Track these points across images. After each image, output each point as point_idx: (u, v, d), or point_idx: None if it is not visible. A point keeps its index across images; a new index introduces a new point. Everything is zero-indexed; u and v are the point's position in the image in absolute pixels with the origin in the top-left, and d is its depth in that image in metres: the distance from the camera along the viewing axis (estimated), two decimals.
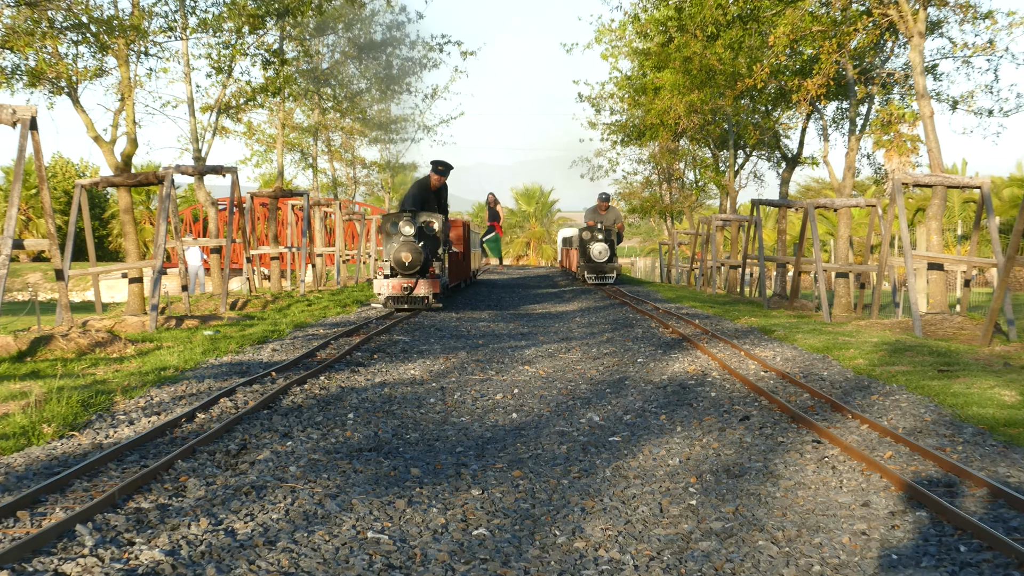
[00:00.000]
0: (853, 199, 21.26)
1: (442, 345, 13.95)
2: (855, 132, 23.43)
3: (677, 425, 8.71)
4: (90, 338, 12.45)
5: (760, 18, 21.72)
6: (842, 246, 22.63)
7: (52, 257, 13.97)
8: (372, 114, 36.58)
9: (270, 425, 8.16)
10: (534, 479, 6.87)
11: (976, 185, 16.74)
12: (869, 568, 5.10)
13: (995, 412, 8.71)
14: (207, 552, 5.03)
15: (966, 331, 14.88)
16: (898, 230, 17.39)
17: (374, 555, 5.16)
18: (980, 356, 12.37)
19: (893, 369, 11.30)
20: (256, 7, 21.65)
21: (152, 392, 9.55)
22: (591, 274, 27.32)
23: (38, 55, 17.58)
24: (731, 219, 29.38)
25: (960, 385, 10.07)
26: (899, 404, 9.24)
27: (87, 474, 6.49)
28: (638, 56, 32.77)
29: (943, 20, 21.92)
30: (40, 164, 13.41)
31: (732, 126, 31.29)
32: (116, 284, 37.96)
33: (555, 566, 5.13)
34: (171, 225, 19.33)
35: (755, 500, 6.36)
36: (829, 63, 19.65)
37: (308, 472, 6.76)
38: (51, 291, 41.79)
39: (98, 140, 18.84)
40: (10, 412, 8.38)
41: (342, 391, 10.01)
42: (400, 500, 6.17)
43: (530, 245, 75.30)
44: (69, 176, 61.73)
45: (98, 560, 4.81)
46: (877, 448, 7.61)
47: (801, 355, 12.72)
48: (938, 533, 5.54)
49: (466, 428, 8.63)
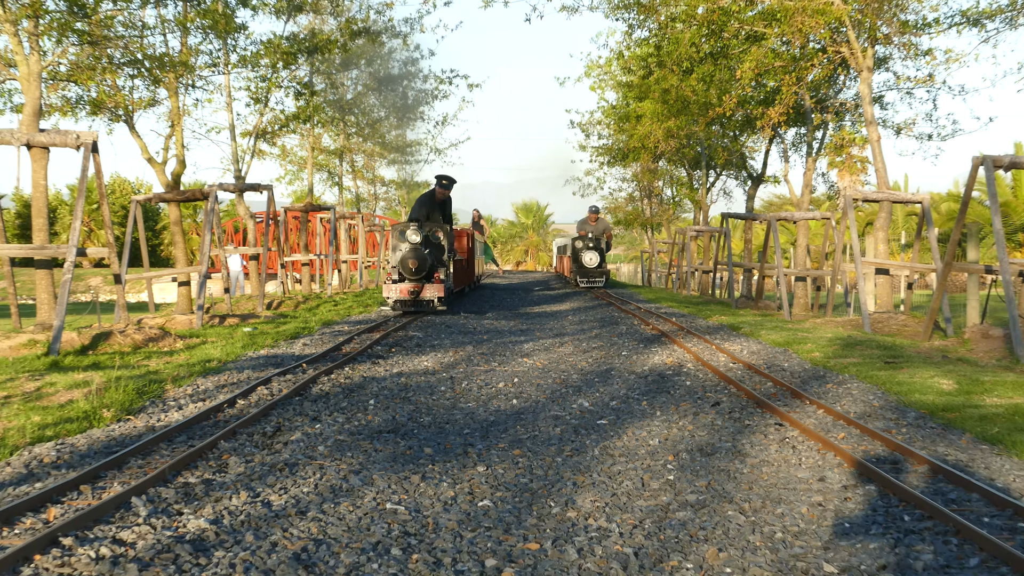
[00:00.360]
0: (810, 213, 21.24)
1: (451, 340, 13.93)
2: (812, 154, 23.42)
3: (657, 410, 8.70)
4: (144, 334, 12.43)
5: (729, 55, 21.71)
6: (801, 254, 22.60)
7: (111, 263, 13.95)
8: (390, 139, 36.57)
9: (301, 410, 8.14)
10: (532, 457, 6.85)
11: (917, 200, 16.72)
12: (825, 535, 5.08)
13: (935, 399, 8.70)
14: (246, 521, 5.02)
15: (909, 328, 14.86)
16: (850, 240, 17.37)
17: (392, 523, 5.15)
18: (921, 349, 12.35)
19: (845, 361, 11.28)
20: (289, 46, 21.64)
21: (198, 381, 9.54)
22: (583, 278, 27.19)
23: (99, 87, 17.58)
24: (703, 230, 29.37)
25: (904, 375, 10.06)
26: (851, 391, 9.22)
27: (141, 453, 6.48)
28: (622, 88, 32.75)
29: (889, 56, 21.89)
30: (100, 182, 13.39)
31: (704, 149, 31.26)
32: (167, 287, 37.96)
33: (550, 533, 5.12)
34: (215, 235, 19.33)
35: (725, 476, 6.34)
36: (789, 94, 19.64)
37: (334, 451, 6.75)
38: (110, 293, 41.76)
39: (151, 161, 18.84)
40: (74, 399, 8.37)
41: (364, 380, 9.99)
42: (415, 476, 6.16)
43: (528, 252, 75.43)
44: (126, 193, 61.70)
45: (151, 528, 4.80)
46: (832, 430, 7.59)
47: (765, 349, 12.70)
48: (885, 505, 5.52)
49: (472, 412, 8.61)
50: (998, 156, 12.39)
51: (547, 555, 4.75)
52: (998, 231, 12.33)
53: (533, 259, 74.60)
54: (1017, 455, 6.54)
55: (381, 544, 4.79)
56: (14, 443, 6.69)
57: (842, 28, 18.84)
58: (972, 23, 19.00)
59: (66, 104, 17.76)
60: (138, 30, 17.79)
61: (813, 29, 18.42)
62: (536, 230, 76.27)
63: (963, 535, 4.89)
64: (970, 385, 9.34)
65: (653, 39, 23.59)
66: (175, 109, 18.97)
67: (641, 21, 22.22)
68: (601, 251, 27.48)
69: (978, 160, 12.43)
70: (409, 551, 4.72)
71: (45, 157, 13.39)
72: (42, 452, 6.40)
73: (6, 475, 5.86)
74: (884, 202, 18.22)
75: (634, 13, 21.77)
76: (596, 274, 27.22)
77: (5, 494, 5.45)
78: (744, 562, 4.67)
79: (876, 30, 18.72)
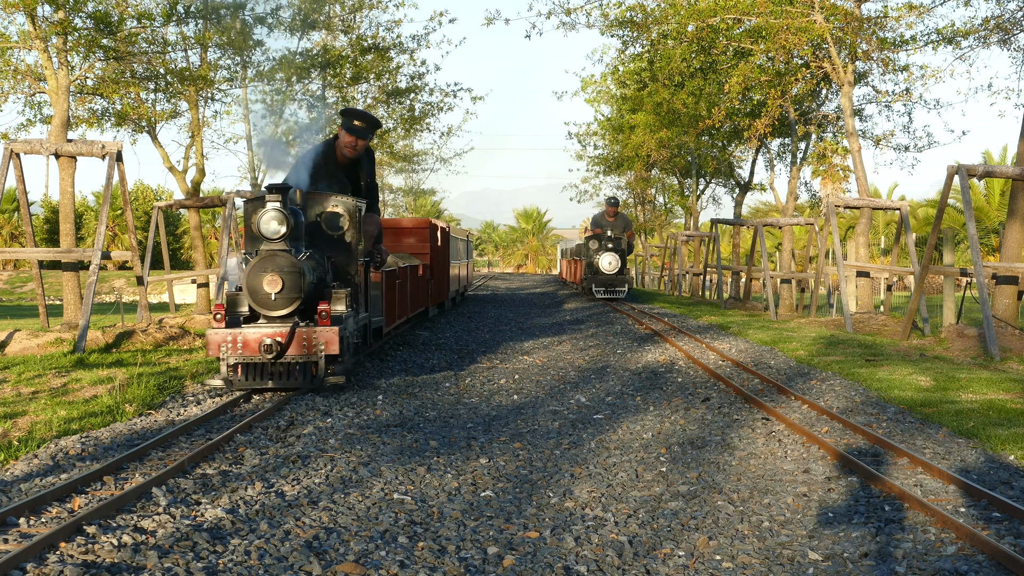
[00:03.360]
0: (795, 219, 21.23)
1: (456, 339, 13.91)
2: (796, 163, 23.41)
3: (650, 405, 8.67)
4: (165, 333, 12.41)
5: (717, 70, 21.70)
6: (786, 257, 22.57)
7: (134, 266, 13.93)
8: (398, 148, 36.56)
9: (313, 405, 8.11)
10: (532, 450, 6.83)
11: (896, 207, 16.70)
12: (810, 524, 5.06)
13: (913, 395, 8.67)
14: (261, 510, 4.99)
15: (889, 327, 14.83)
16: (832, 244, 17.35)
17: (399, 513, 5.12)
18: (900, 348, 12.32)
19: (828, 359, 11.25)
20: (302, 61, 21.64)
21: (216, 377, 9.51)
22: (599, 287, 21.11)
23: (123, 100, 17.59)
24: (694, 235, 29.36)
25: (884, 372, 10.03)
26: (834, 388, 9.19)
27: (161, 445, 6.45)
28: (616, 101, 32.76)
29: (868, 71, 21.86)
30: (125, 190, 13.38)
31: (694, 158, 31.24)
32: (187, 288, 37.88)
33: (549, 522, 5.09)
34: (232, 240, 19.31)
35: (715, 467, 6.31)
36: (774, 107, 19.63)
37: (344, 444, 6.72)
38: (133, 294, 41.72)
39: (172, 170, 18.87)
40: (99, 394, 8.35)
41: (372, 376, 9.96)
42: (421, 467, 6.13)
43: (528, 256, 75.80)
44: (148, 199, 61.67)
45: (170, 517, 4.78)
46: (816, 424, 7.56)
47: (752, 347, 12.67)
48: (867, 495, 5.49)
49: (475, 408, 8.58)
50: (972, 166, 12.38)
51: (546, 543, 4.72)
52: (972, 236, 12.31)
53: (533, 262, 74.96)
54: (991, 448, 6.51)
55: (389, 532, 4.77)
56: (41, 436, 6.67)
57: (824, 45, 18.83)
58: (947, 41, 18.99)
59: (92, 116, 17.76)
60: (160, 46, 17.77)
61: (797, 46, 18.42)
62: (536, 235, 76.47)
63: (941, 524, 4.86)
64: (946, 382, 9.32)
65: (646, 55, 23.57)
66: (195, 120, 18.96)
67: (634, 38, 22.19)
68: (622, 253, 21.49)
69: (952, 169, 12.41)
70: (415, 539, 4.69)
71: (72, 166, 13.39)
72: (68, 445, 6.37)
73: (34, 466, 5.84)
74: (865, 209, 18.19)
75: (627, 30, 21.75)
76: (617, 282, 21.11)
77: (33, 484, 5.43)
78: (733, 550, 4.64)
79: (856, 47, 18.72)
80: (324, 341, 8.14)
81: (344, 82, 27.26)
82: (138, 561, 4.12)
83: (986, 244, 38.01)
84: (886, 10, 19.67)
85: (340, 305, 8.55)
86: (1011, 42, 17.59)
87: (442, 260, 17.51)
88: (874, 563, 4.39)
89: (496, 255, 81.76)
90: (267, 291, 8.08)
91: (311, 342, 8.15)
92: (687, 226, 35.17)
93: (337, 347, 8.15)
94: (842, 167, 21.49)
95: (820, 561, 4.47)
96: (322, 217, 9.06)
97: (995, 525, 4.87)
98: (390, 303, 11.71)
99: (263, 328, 8.16)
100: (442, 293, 17.74)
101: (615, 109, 34.05)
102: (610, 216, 22.22)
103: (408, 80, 28.08)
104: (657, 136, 27.29)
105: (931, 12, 18.80)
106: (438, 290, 17.26)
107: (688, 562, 4.48)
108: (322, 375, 8.26)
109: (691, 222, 33.67)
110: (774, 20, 18.17)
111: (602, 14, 21.09)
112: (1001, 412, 7.71)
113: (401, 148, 37.04)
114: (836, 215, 17.20)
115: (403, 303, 13.00)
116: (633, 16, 20.74)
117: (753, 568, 4.41)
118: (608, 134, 35.46)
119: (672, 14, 20.25)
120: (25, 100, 16.68)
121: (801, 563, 4.45)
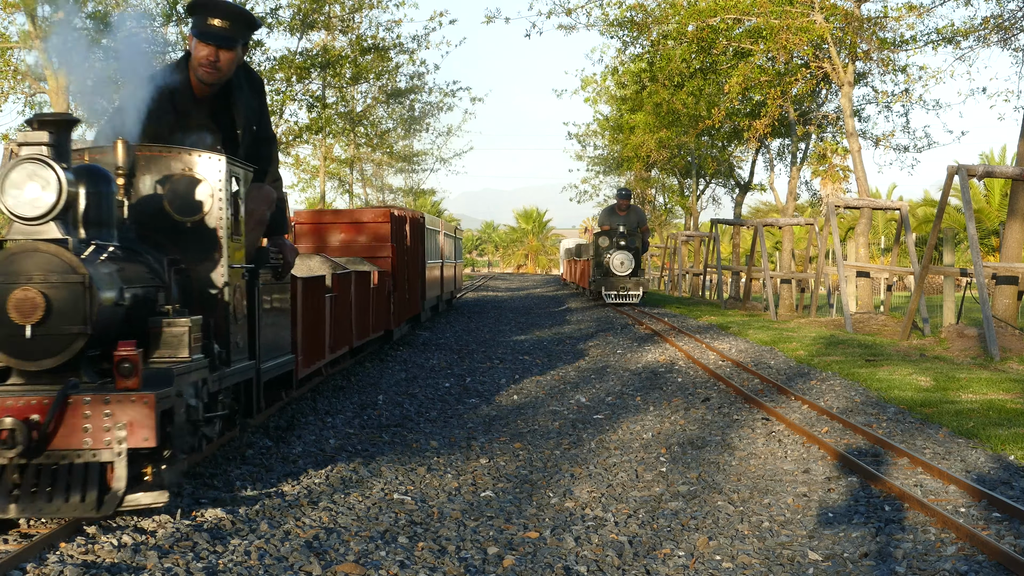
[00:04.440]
0: (794, 219, 21.24)
1: (456, 339, 13.90)
2: (796, 163, 23.43)
3: (650, 405, 8.66)
4: None
5: (717, 70, 21.71)
6: (786, 257, 22.57)
7: None
8: (398, 149, 36.54)
9: (314, 405, 8.11)
10: (532, 450, 6.82)
11: (896, 207, 16.71)
12: (810, 524, 5.05)
13: (913, 395, 8.67)
14: (261, 510, 4.99)
15: (889, 327, 14.83)
16: (832, 244, 17.35)
17: (399, 513, 5.11)
18: (900, 348, 12.32)
19: (828, 359, 11.24)
20: (302, 61, 21.63)
21: None
22: (609, 291, 18.88)
23: None
24: (694, 235, 29.37)
25: (884, 372, 10.02)
26: (833, 388, 9.19)
27: None
28: (616, 101, 32.77)
29: (868, 72, 21.87)
30: None
31: (694, 159, 31.25)
32: None
33: (549, 522, 5.09)
34: None
35: (715, 468, 6.31)
36: (774, 107, 19.63)
37: (345, 444, 6.72)
38: None
39: None
40: None
41: (373, 376, 9.96)
42: (421, 467, 6.13)
43: (528, 256, 75.88)
44: None
45: (170, 517, 4.77)
46: (816, 424, 7.56)
47: (752, 347, 12.67)
48: (867, 495, 5.49)
49: (475, 407, 8.58)
50: (972, 166, 12.37)
51: (546, 543, 4.72)
52: (972, 236, 12.31)
53: (533, 262, 75.04)
54: (991, 448, 6.50)
55: (389, 532, 4.76)
56: None
57: (824, 45, 18.84)
58: (947, 41, 18.99)
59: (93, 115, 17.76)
60: (160, 46, 17.76)
61: (797, 46, 18.42)
62: (536, 235, 76.53)
63: (941, 524, 4.86)
64: (946, 382, 9.31)
65: (646, 55, 23.58)
66: None
67: (634, 38, 22.21)
68: (636, 252, 19.28)
69: (952, 169, 12.41)
70: (415, 539, 4.69)
71: None
72: None
73: None
74: (864, 209, 18.19)
75: (628, 31, 21.76)
76: (630, 285, 18.94)
77: None
78: (733, 550, 4.64)
79: (856, 47, 18.72)
80: (126, 421, 4.23)
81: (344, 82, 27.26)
82: (138, 561, 4.12)
83: (986, 244, 38.04)
84: (886, 10, 19.70)
85: (178, 348, 4.67)
86: (1011, 42, 17.59)
87: (413, 262, 13.87)
88: (874, 563, 4.39)
89: (496, 255, 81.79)
90: (14, 322, 4.20)
91: (98, 425, 4.23)
92: (687, 226, 35.18)
93: (151, 433, 4.25)
94: (842, 167, 21.50)
95: (820, 561, 4.47)
96: (164, 188, 5.23)
97: (995, 525, 4.86)
98: (312, 331, 7.88)
99: (5, 395, 4.27)
100: (414, 305, 14.08)
101: (615, 109, 34.07)
102: (621, 210, 19.84)
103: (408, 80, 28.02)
104: (657, 136, 27.31)
105: (931, 12, 18.83)
106: (408, 302, 13.39)
107: (688, 562, 4.47)
108: (119, 491, 4.26)
109: (691, 222, 33.68)
110: (774, 20, 18.18)
111: (602, 14, 21.11)
112: (1001, 412, 7.70)
113: (401, 148, 37.01)
114: (836, 215, 17.20)
115: (340, 329, 9.06)
116: (633, 16, 20.75)
117: (753, 568, 4.40)
118: (608, 134, 35.49)
119: (672, 14, 20.26)
120: (25, 100, 16.69)
121: (801, 563, 4.45)
